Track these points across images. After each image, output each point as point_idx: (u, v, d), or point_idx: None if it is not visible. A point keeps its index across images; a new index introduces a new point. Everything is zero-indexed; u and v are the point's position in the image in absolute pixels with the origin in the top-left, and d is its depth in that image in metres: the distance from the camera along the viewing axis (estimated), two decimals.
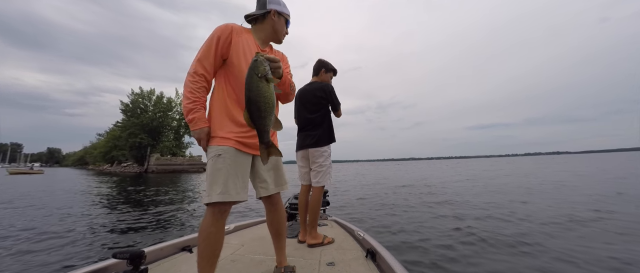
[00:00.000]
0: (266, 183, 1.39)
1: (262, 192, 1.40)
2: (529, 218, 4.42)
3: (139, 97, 40.65)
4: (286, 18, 1.46)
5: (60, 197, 8.79)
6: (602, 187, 8.17)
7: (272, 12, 1.39)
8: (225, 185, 1.19)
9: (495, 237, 3.48)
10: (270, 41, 1.47)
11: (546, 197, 6.61)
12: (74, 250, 3.36)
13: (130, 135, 38.01)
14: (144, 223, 4.90)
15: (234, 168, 1.23)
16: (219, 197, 1.17)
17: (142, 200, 7.69)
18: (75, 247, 3.50)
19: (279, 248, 1.55)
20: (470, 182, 11.22)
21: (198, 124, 1.21)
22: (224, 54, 1.27)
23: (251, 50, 1.33)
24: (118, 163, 45.44)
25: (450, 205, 5.96)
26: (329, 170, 2.21)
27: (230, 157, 1.22)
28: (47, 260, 3.03)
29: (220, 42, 1.26)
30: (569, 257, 2.80)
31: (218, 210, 1.20)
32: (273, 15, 1.40)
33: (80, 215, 5.58)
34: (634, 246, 3.05)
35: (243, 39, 1.32)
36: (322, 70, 2.37)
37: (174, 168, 36.65)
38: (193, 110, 1.20)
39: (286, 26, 1.47)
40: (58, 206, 6.92)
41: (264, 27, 1.41)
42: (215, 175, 1.19)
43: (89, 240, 3.79)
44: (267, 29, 1.42)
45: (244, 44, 1.31)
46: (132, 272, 1.26)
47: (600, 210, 4.85)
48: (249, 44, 1.33)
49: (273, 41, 1.48)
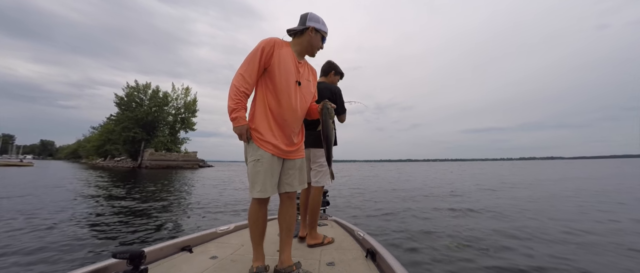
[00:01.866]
0: (292, 181, 1.59)
1: (287, 188, 1.58)
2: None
3: (135, 90, 40.14)
4: (323, 35, 1.62)
5: (39, 192, 8.36)
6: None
7: (310, 29, 1.56)
8: (264, 184, 1.46)
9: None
10: (306, 54, 1.64)
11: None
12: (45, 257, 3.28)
13: (124, 129, 37.55)
14: (132, 227, 4.74)
15: (270, 171, 1.48)
16: (258, 194, 1.46)
17: (129, 205, 6.70)
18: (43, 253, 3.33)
19: (287, 244, 1.57)
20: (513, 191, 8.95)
21: (239, 122, 1.43)
22: (266, 64, 1.48)
23: (288, 63, 1.51)
24: (111, 157, 44.81)
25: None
26: (326, 170, 2.21)
27: (267, 161, 1.47)
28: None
29: (264, 53, 1.45)
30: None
31: (258, 202, 1.51)
32: (311, 32, 1.56)
33: (45, 217, 4.95)
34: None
35: (283, 53, 1.51)
36: (331, 72, 2.41)
37: (169, 164, 36.32)
38: (235, 110, 1.41)
39: (322, 42, 1.64)
40: (32, 203, 6.50)
41: (301, 41, 1.59)
42: (256, 176, 1.47)
43: (48, 248, 3.33)
44: (304, 44, 1.59)
45: (283, 57, 1.50)
46: (132, 272, 1.24)
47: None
48: (286, 58, 1.51)
49: (308, 55, 1.65)
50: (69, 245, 3.41)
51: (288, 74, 1.50)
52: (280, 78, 1.48)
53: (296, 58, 1.56)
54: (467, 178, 15.89)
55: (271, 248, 1.98)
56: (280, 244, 1.58)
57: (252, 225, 1.53)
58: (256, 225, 1.52)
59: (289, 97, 1.50)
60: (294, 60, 1.54)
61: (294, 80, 1.53)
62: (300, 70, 1.58)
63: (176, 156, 38.78)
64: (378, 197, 7.86)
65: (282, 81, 1.48)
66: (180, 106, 42.56)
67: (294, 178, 1.58)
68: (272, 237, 2.24)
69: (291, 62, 1.53)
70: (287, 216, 1.59)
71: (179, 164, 37.32)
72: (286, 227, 1.58)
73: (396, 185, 11.66)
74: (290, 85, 1.51)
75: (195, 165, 39.65)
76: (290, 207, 1.60)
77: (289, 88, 1.50)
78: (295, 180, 1.59)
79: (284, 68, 1.49)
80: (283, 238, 1.57)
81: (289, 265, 1.50)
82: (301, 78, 1.57)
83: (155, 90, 41.06)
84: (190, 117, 42.73)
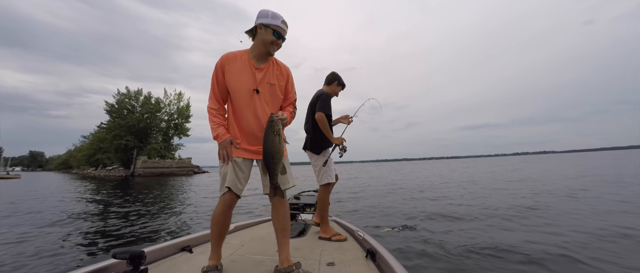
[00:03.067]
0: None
1: (268, 189, 1.57)
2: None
3: (126, 97, 39.53)
4: (274, 29, 1.49)
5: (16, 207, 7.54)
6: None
7: (258, 26, 1.50)
8: (233, 180, 1.51)
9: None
10: (265, 55, 1.56)
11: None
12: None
13: (115, 137, 36.82)
14: (126, 230, 4.67)
15: (240, 169, 1.55)
16: (228, 185, 1.50)
17: (121, 211, 6.61)
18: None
19: (284, 243, 1.55)
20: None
21: (221, 137, 1.52)
22: (223, 84, 1.55)
23: (240, 75, 1.53)
24: (103, 166, 43.91)
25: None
26: (323, 170, 2.33)
27: (237, 162, 1.54)
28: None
29: (217, 77, 1.54)
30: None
31: (224, 201, 1.53)
32: (260, 29, 1.50)
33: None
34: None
35: (234, 67, 1.53)
36: (334, 83, 2.52)
37: (162, 172, 35.73)
38: (214, 129, 1.54)
39: (276, 36, 1.51)
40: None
41: (256, 44, 1.55)
42: (224, 175, 1.53)
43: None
44: (258, 45, 1.54)
45: (234, 72, 1.53)
46: (132, 272, 1.23)
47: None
48: (238, 70, 1.53)
49: (266, 54, 1.56)
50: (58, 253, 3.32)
51: (241, 86, 1.53)
52: (234, 93, 1.54)
53: (254, 64, 1.54)
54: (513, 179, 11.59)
55: (271, 248, 1.98)
56: (278, 245, 1.57)
57: (213, 223, 1.55)
58: (217, 225, 1.54)
59: (248, 107, 1.54)
60: (248, 69, 1.53)
61: (250, 90, 1.53)
62: (258, 76, 1.54)
63: (170, 163, 38.21)
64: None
65: (236, 95, 1.54)
66: (173, 112, 41.99)
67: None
68: (272, 237, 2.25)
69: (244, 72, 1.53)
70: (280, 217, 1.57)
71: (173, 171, 36.75)
72: (280, 228, 1.56)
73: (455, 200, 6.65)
74: (246, 96, 1.53)
75: (189, 171, 39.10)
76: (281, 208, 1.57)
77: (245, 99, 1.53)
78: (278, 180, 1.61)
79: (237, 82, 1.53)
80: (279, 239, 1.56)
81: (289, 265, 1.48)
82: (260, 84, 1.54)
83: (147, 96, 40.51)
84: (184, 123, 42.17)
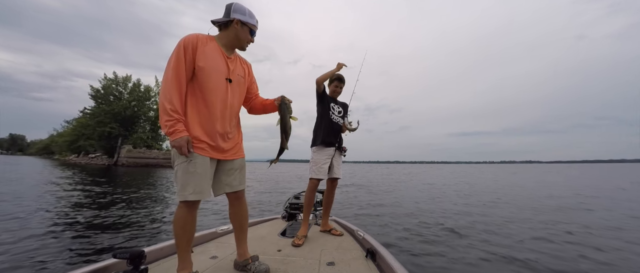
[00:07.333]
0: (232, 182, 1.55)
1: (227, 189, 1.54)
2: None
3: (113, 83, 38.25)
4: (251, 28, 1.51)
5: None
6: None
7: (236, 21, 1.46)
8: (198, 186, 1.36)
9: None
10: (235, 48, 1.56)
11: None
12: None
13: (99, 124, 35.54)
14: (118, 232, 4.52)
15: (205, 172, 1.40)
16: (192, 197, 1.35)
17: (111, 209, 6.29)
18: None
19: (242, 239, 1.64)
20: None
21: (177, 134, 1.30)
22: (191, 64, 1.35)
23: (216, 60, 1.42)
24: (85, 154, 42.25)
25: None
26: (311, 165, 2.38)
27: (200, 162, 1.38)
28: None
29: (187, 52, 1.34)
30: None
31: (188, 206, 1.39)
32: (236, 24, 1.47)
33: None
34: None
35: (209, 49, 1.41)
36: (335, 83, 2.53)
37: (148, 162, 34.58)
38: (169, 120, 1.32)
39: (251, 35, 1.53)
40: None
41: (227, 35, 1.49)
42: (189, 177, 1.35)
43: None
44: (230, 36, 1.49)
45: (209, 53, 1.40)
46: (132, 271, 1.23)
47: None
48: (213, 54, 1.42)
49: (237, 48, 1.56)
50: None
51: (217, 72, 1.40)
52: (209, 78, 1.38)
53: (225, 53, 1.47)
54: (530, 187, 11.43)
55: (271, 248, 1.96)
56: (236, 240, 1.65)
57: (180, 231, 1.39)
58: (184, 231, 1.40)
59: (220, 97, 1.42)
60: (222, 56, 1.45)
61: (224, 78, 1.44)
62: (231, 66, 1.49)
63: (156, 154, 36.96)
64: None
65: (211, 81, 1.38)
66: None
67: (234, 178, 1.55)
68: (272, 237, 2.22)
69: (219, 58, 1.43)
70: (238, 215, 1.62)
71: (159, 162, 35.39)
72: (238, 225, 1.63)
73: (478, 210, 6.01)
74: (221, 85, 1.42)
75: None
76: (239, 207, 1.62)
77: (220, 88, 1.42)
78: (236, 180, 1.56)
79: (212, 66, 1.39)
80: (237, 235, 1.64)
81: (245, 259, 1.59)
82: (232, 74, 1.49)
83: (136, 83, 39.38)
84: None
